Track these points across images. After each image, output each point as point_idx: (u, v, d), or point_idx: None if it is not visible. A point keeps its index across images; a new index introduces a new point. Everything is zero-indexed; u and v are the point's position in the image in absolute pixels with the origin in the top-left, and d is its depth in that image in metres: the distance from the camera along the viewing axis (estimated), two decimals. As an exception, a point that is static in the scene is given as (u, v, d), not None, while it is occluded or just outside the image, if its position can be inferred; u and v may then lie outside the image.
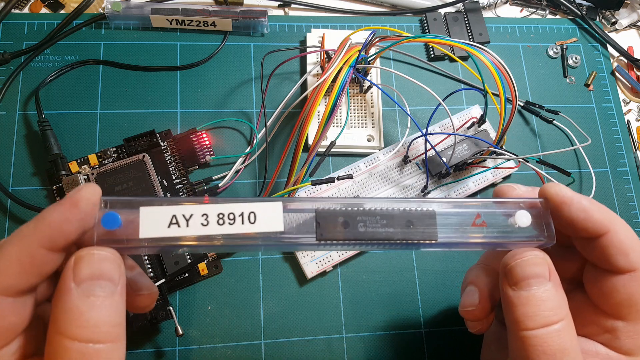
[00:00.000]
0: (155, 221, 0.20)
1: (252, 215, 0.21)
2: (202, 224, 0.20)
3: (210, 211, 0.21)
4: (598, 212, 0.22)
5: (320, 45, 0.42)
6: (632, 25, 0.51)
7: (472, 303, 0.26)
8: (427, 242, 0.22)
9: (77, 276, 0.19)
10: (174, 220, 0.20)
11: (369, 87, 0.42)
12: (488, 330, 0.28)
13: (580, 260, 0.25)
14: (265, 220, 0.21)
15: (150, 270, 0.34)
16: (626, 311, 0.23)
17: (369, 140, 0.41)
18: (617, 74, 0.48)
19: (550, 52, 0.47)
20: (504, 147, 0.38)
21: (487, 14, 0.49)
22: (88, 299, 0.19)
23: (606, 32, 0.49)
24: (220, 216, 0.21)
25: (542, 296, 0.21)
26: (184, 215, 0.20)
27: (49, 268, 0.20)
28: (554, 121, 0.44)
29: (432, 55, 0.45)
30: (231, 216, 0.21)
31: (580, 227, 0.22)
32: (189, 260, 0.36)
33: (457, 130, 0.42)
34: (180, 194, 0.38)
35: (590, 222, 0.22)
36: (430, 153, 0.40)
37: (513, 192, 0.24)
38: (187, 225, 0.20)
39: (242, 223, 0.21)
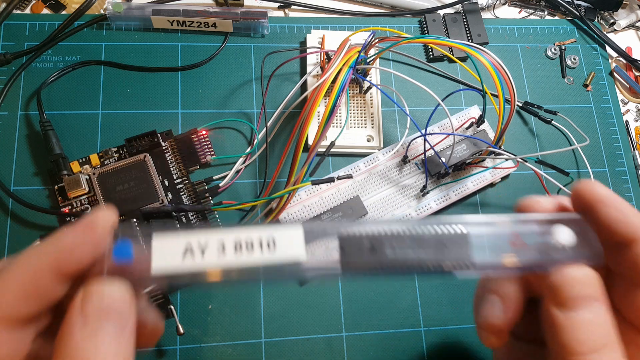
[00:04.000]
0: (167, 252, 0.19)
1: (271, 242, 0.19)
2: (219, 251, 0.19)
3: (227, 237, 0.19)
4: (634, 215, 0.20)
5: (320, 46, 0.42)
6: (631, 26, 0.51)
7: (496, 315, 0.23)
8: (462, 267, 0.20)
9: (84, 312, 0.17)
10: (187, 251, 0.19)
11: (369, 88, 0.42)
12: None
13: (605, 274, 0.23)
14: (286, 247, 0.19)
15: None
16: None
17: (368, 141, 0.41)
18: (615, 75, 0.48)
19: (549, 53, 0.47)
20: (502, 147, 0.38)
21: (485, 15, 0.49)
22: (95, 339, 0.17)
23: (604, 32, 0.49)
24: (238, 243, 0.19)
25: (594, 319, 0.19)
26: (199, 243, 0.19)
27: (52, 297, 0.18)
28: (553, 121, 0.44)
29: (431, 56, 0.46)
30: (249, 243, 0.19)
31: (616, 230, 0.20)
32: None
33: (456, 130, 0.42)
34: (182, 193, 0.38)
35: (627, 225, 0.20)
36: (430, 153, 0.40)
37: (539, 206, 0.22)
38: (203, 256, 0.19)
39: (261, 251, 0.19)
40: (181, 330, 0.34)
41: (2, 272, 0.18)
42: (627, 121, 0.47)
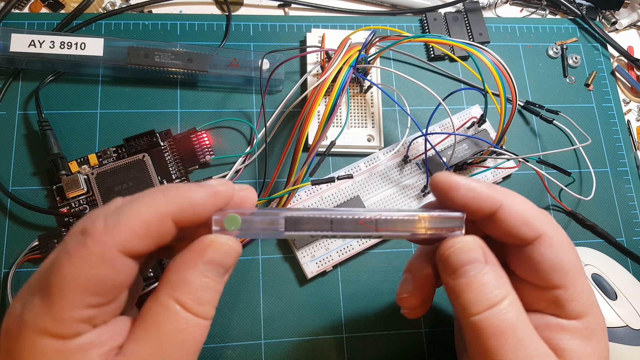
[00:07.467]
0: None
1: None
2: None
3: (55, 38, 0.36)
4: (486, 189, 0.23)
5: (320, 45, 0.42)
6: (632, 25, 0.51)
7: (406, 290, 0.26)
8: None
9: (206, 257, 0.21)
10: None
11: (369, 87, 0.42)
12: (456, 319, 0.28)
13: (502, 246, 0.25)
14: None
15: (150, 270, 0.34)
16: (556, 278, 0.23)
17: (369, 140, 0.41)
18: (617, 74, 0.48)
19: (550, 52, 0.47)
20: (504, 147, 0.38)
21: (487, 13, 0.49)
22: (205, 279, 0.21)
23: (606, 32, 0.49)
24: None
25: (482, 279, 0.22)
26: None
27: (165, 240, 0.21)
28: (554, 121, 0.44)
29: (432, 55, 0.45)
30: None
31: (473, 206, 0.23)
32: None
33: (457, 130, 0.42)
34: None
35: (480, 200, 0.23)
36: (431, 153, 0.40)
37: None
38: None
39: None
40: (180, 332, 0.34)
41: (126, 206, 0.20)
42: (628, 121, 0.47)
